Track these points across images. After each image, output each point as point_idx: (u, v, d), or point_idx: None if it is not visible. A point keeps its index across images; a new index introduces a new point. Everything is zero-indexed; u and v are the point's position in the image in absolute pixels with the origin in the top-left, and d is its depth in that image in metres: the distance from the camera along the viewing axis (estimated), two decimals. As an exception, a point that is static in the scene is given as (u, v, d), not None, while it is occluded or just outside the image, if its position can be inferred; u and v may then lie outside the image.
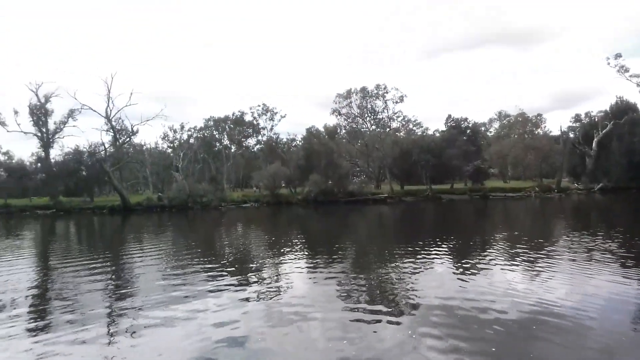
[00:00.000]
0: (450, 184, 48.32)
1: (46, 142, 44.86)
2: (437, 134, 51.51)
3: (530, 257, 9.40)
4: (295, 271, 8.81)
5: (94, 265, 10.32)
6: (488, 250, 10.79)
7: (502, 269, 8.24)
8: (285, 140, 64.26)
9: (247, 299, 6.59)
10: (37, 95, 42.93)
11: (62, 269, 10.11)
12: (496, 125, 71.72)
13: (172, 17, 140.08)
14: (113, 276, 9.06)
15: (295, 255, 11.05)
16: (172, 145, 61.22)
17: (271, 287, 7.42)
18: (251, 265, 10.02)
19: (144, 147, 58.37)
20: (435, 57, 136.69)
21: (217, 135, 61.36)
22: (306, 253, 11.59)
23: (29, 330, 5.49)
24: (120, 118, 43.23)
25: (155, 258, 11.38)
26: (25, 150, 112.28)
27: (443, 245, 11.63)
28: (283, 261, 10.17)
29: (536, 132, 57.07)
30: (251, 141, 64.83)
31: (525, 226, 18.08)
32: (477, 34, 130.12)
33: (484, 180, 48.86)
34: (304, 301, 6.36)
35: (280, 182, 45.50)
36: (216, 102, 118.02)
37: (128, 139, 45.93)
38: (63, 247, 15.64)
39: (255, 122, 61.56)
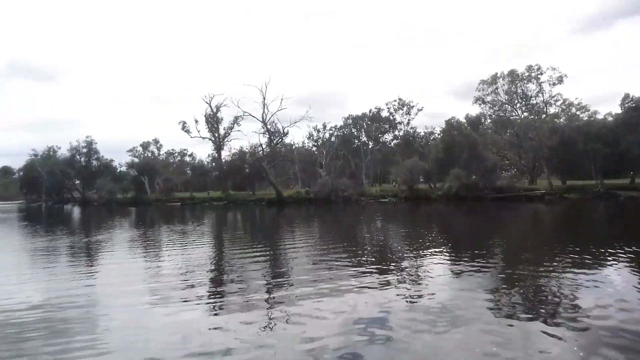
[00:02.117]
0: (630, 179, 40.02)
1: (218, 145, 53.85)
2: (610, 118, 43.11)
3: None
4: (438, 273, 8.67)
5: (256, 252, 12.13)
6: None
7: None
8: (422, 133, 62.79)
9: (390, 298, 6.70)
10: (210, 106, 51.89)
11: (232, 253, 12.28)
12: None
13: (314, 25, 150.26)
14: (271, 264, 10.38)
15: (438, 255, 10.85)
16: (316, 143, 66.23)
17: (414, 288, 7.42)
18: (393, 263, 10.15)
19: (293, 146, 64.59)
20: (597, 29, 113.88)
21: (355, 133, 63.75)
22: (450, 254, 11.25)
23: (207, 305, 6.69)
24: (273, 121, 48.82)
25: (306, 248, 12.69)
26: (204, 152, 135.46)
27: (623, 254, 9.81)
28: (426, 261, 10.09)
29: None
30: (388, 136, 65.36)
31: None
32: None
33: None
34: (450, 306, 6.16)
35: (418, 177, 44.80)
36: (355, 101, 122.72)
37: (280, 139, 51.62)
38: (232, 233, 18.71)
39: (391, 117, 61.79)
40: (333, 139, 63.86)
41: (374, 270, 9.01)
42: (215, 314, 6.23)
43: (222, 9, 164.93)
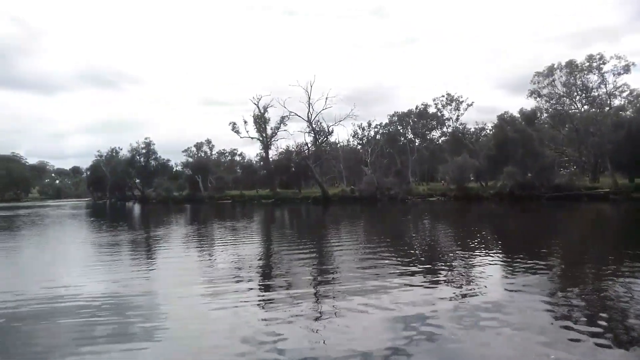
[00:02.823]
0: None
1: (266, 145, 55.22)
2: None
3: None
4: (489, 273, 8.36)
5: (303, 249, 12.33)
6: None
7: None
8: (472, 129, 60.34)
9: (437, 297, 6.60)
10: (258, 107, 53.30)
11: (280, 250, 12.53)
12: None
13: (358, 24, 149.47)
14: (318, 261, 10.49)
15: (489, 256, 10.40)
16: (361, 141, 65.91)
17: (464, 288, 7.24)
18: (441, 262, 9.90)
19: (338, 145, 64.81)
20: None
21: (401, 130, 62.62)
22: (502, 255, 10.75)
23: (257, 298, 6.97)
24: (318, 120, 49.20)
25: (352, 246, 12.79)
26: (252, 151, 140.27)
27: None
28: (476, 261, 9.73)
29: None
30: (435, 133, 63.48)
31: None
32: None
33: None
34: (502, 307, 5.92)
35: (468, 175, 43.18)
36: (401, 98, 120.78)
37: (325, 138, 52.00)
38: (280, 230, 19.07)
39: (439, 113, 59.97)
40: (378, 136, 63.16)
41: (422, 269, 8.90)
42: (265, 307, 6.44)
43: (268, 12, 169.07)
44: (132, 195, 76.14)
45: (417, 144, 60.80)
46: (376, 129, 64.51)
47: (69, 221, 29.25)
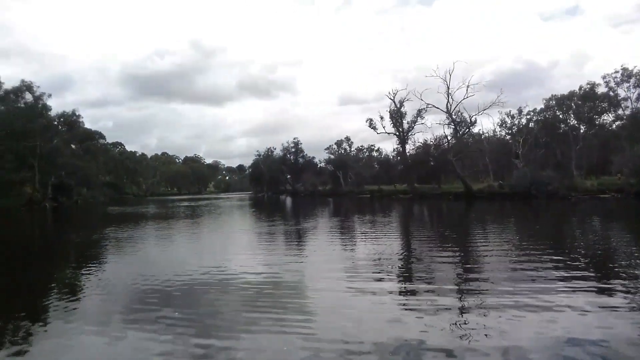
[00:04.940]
0: None
1: (402, 139, 54.86)
2: None
3: None
4: None
5: (445, 250, 11.89)
6: None
7: None
8: (664, 110, 48.19)
9: (613, 322, 5.34)
10: (394, 101, 53.23)
11: (420, 248, 12.40)
12: None
13: None
14: (461, 265, 9.77)
15: None
16: (510, 131, 59.48)
17: None
18: (619, 278, 7.85)
19: (483, 136, 59.95)
20: None
21: (560, 116, 54.10)
22: None
23: (397, 297, 7.08)
24: (459, 111, 46.28)
25: (500, 245, 11.93)
26: (389, 146, 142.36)
27: None
28: None
29: None
30: (607, 117, 52.81)
31: None
32: None
33: None
34: None
35: (657, 167, 34.86)
36: (558, 78, 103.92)
37: (467, 129, 48.69)
38: (420, 227, 18.83)
39: (611, 93, 49.61)
40: (531, 124, 55.83)
41: (591, 286, 7.20)
42: (405, 307, 6.36)
43: (403, 7, 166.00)
44: (285, 189, 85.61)
45: (582, 131, 51.72)
46: (528, 116, 57.23)
47: (236, 211, 34.93)
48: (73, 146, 68.26)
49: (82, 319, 6.13)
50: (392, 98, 53.08)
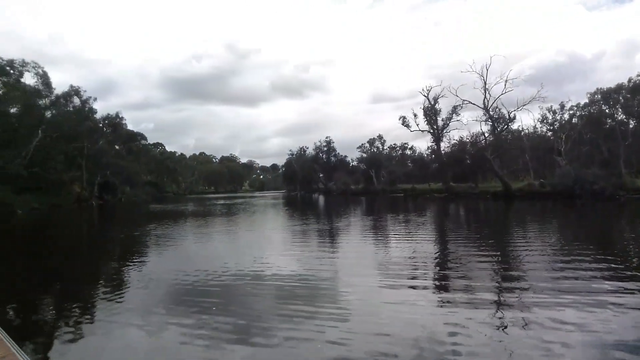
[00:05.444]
0: None
1: (437, 137, 53.59)
2: None
3: None
4: None
5: (483, 249, 11.53)
6: None
7: None
8: None
9: None
10: (428, 98, 52.11)
11: (456, 248, 12.12)
12: None
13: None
14: (500, 264, 9.55)
15: None
16: (551, 127, 56.65)
17: None
18: None
19: (522, 133, 57.48)
20: None
21: (607, 110, 50.90)
22: None
23: (432, 296, 7.00)
24: (496, 107, 44.64)
25: (542, 251, 11.22)
26: (423, 144, 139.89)
27: None
28: None
29: None
30: (663, 110, 49.07)
31: None
32: None
33: None
34: None
35: None
36: (604, 70, 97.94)
37: (506, 126, 46.91)
38: (456, 227, 18.48)
39: (669, 82, 46.12)
40: (575, 120, 52.88)
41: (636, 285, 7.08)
42: (442, 307, 6.34)
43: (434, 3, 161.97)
44: (317, 187, 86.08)
45: (631, 126, 48.43)
46: (572, 111, 54.17)
47: (270, 210, 35.50)
48: (117, 147, 71.83)
49: (127, 311, 6.49)
50: (426, 95, 52.04)
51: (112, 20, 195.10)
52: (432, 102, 51.87)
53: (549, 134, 56.61)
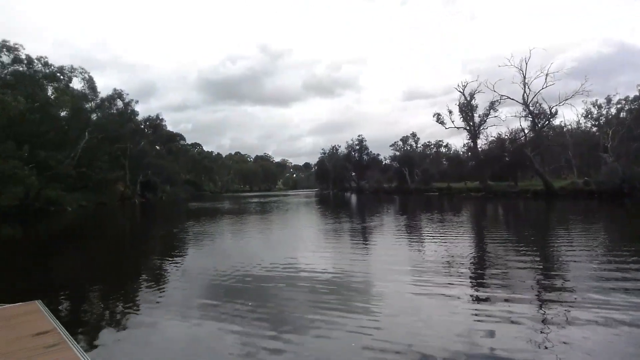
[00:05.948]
0: None
1: (473, 134, 51.99)
2: None
3: None
4: None
5: (522, 250, 11.13)
6: None
7: None
8: None
9: None
10: (463, 94, 50.67)
11: (493, 249, 11.70)
12: None
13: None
14: (542, 264, 9.25)
15: None
16: (597, 122, 53.56)
17: None
18: None
19: (565, 129, 54.69)
20: None
21: (662, 103, 47.44)
22: None
23: (468, 296, 6.85)
24: (537, 102, 42.64)
25: (586, 249, 10.73)
26: (459, 142, 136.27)
27: None
28: None
29: None
30: None
31: None
32: None
33: None
34: None
35: None
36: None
37: (547, 122, 44.78)
38: (494, 227, 17.88)
39: None
40: (623, 114, 49.64)
41: None
42: (478, 307, 6.26)
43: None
44: (350, 186, 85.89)
45: (690, 119, 44.78)
46: (619, 105, 51.03)
47: (303, 208, 35.84)
48: (157, 147, 74.98)
49: (167, 306, 6.80)
50: (462, 90, 50.63)
51: (151, 25, 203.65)
52: (468, 98, 50.41)
53: (594, 129, 53.66)
